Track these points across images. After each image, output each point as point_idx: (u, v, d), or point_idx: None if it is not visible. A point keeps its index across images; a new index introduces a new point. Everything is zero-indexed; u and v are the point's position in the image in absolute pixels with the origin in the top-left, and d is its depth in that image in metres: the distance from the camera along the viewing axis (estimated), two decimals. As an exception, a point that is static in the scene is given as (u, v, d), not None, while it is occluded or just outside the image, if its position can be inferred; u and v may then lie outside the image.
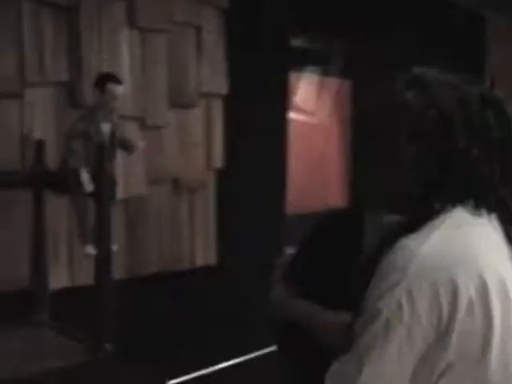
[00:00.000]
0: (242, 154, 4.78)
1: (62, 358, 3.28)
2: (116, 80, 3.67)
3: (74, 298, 3.83)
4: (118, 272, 4.04)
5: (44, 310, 3.75)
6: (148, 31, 4.34)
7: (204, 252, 4.72)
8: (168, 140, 4.38)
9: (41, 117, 3.94)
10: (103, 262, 3.42)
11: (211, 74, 4.67)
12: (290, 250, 4.95)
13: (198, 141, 4.60)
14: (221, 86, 4.74)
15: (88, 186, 3.41)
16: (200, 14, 4.61)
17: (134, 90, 4.24)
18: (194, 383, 4.05)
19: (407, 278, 1.39)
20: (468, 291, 1.37)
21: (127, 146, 3.82)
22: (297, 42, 5.27)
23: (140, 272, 4.32)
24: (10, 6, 3.78)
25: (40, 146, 3.70)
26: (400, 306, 1.38)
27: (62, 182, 3.60)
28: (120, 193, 4.04)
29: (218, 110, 4.76)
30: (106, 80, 3.64)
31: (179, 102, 4.47)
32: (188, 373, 4.07)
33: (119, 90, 3.65)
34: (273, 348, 4.62)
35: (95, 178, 3.42)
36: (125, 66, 4.21)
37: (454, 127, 1.54)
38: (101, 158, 3.38)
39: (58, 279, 3.97)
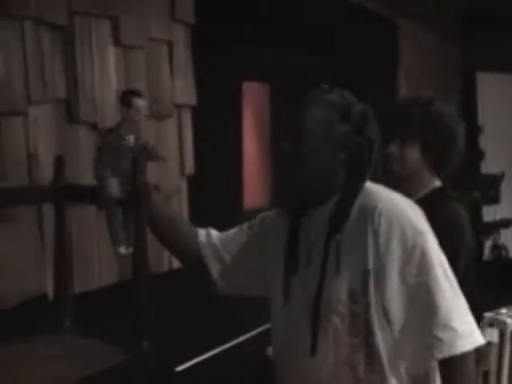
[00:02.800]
0: (207, 160, 5.10)
1: (98, 361, 3.43)
2: (139, 94, 3.91)
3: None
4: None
5: (67, 315, 3.93)
6: (130, 48, 4.59)
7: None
8: (149, 149, 4.63)
9: (43, 133, 4.12)
10: (140, 262, 3.61)
11: (182, 87, 4.97)
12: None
13: (172, 150, 4.89)
14: (190, 97, 5.05)
15: (117, 193, 3.63)
16: (171, 30, 4.90)
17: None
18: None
19: None
20: None
21: (150, 154, 4.09)
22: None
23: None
24: (13, 26, 3.93)
25: (59, 160, 3.90)
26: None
27: (92, 191, 3.82)
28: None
29: (188, 120, 5.07)
30: (130, 95, 3.88)
31: (157, 113, 4.75)
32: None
33: (142, 102, 3.90)
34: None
35: (133, 188, 3.66)
36: (112, 81, 4.46)
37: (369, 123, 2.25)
38: (135, 169, 3.63)
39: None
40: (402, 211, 2.12)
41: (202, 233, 2.82)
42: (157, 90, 4.75)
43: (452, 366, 2.07)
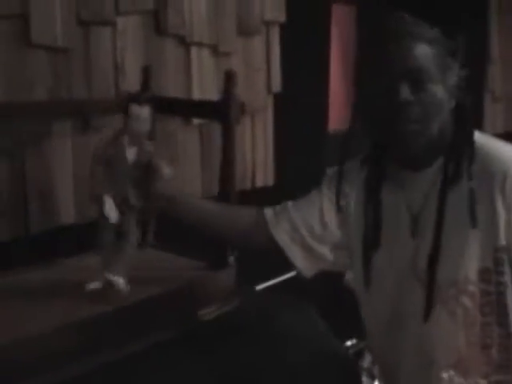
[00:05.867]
0: (293, 79, 5.02)
1: (181, 274, 3.29)
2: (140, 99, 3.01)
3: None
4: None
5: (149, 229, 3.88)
6: (218, -37, 4.49)
7: (263, 173, 4.97)
8: (236, 66, 4.55)
9: (130, 44, 4.08)
10: (227, 177, 3.47)
11: (272, 3, 4.87)
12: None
13: (260, 66, 4.82)
14: (280, 14, 4.94)
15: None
16: None
17: (209, 19, 4.42)
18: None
19: None
20: None
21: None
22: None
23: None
24: None
25: (146, 71, 3.85)
26: None
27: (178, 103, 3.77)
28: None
29: (276, 37, 4.96)
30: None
31: (245, 29, 4.68)
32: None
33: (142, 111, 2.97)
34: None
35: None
36: (201, -5, 4.39)
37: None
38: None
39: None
40: None
41: (269, 215, 2.68)
42: (245, 5, 4.65)
43: None
